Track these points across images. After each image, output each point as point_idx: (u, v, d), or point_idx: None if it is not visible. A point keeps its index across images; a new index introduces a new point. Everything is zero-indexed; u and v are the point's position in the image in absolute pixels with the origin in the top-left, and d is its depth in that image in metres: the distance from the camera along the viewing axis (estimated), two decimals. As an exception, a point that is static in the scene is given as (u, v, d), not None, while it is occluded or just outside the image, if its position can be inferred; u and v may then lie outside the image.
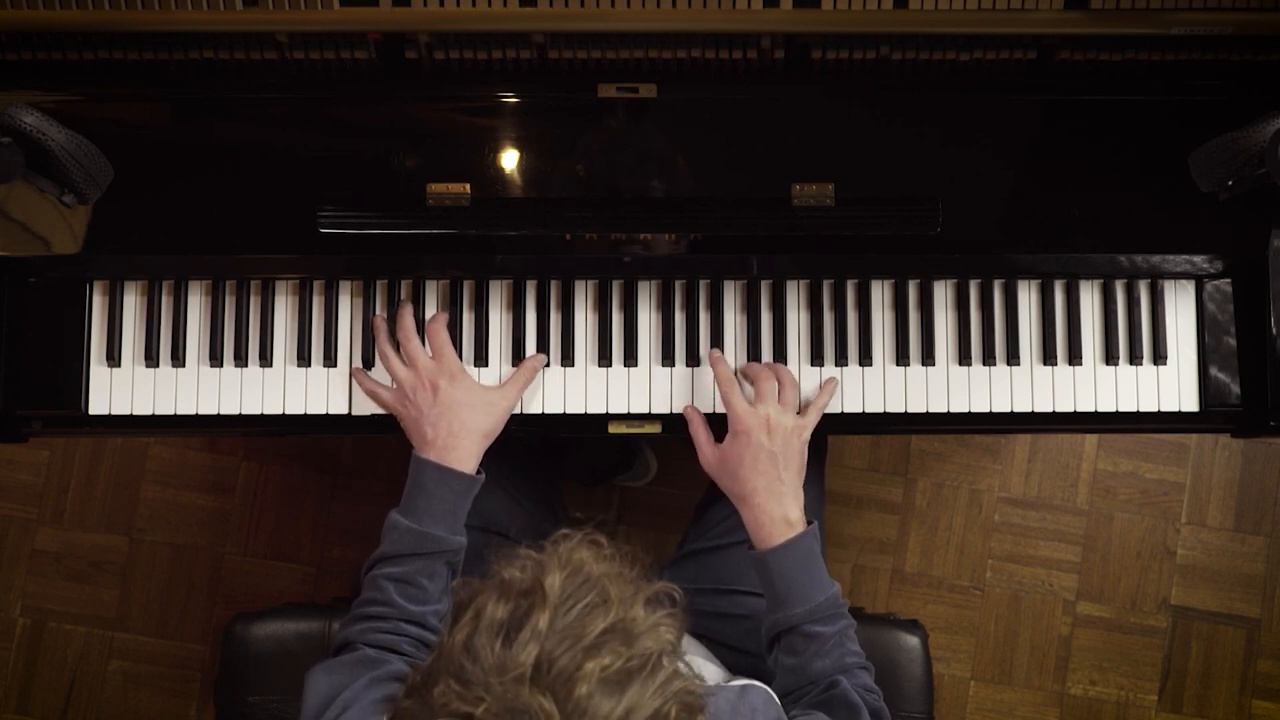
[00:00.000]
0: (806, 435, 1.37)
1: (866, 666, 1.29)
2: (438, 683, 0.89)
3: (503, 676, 0.87)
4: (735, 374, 1.41)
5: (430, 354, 1.39)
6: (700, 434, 1.39)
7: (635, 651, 0.90)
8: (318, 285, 1.44)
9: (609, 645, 0.89)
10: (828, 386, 1.42)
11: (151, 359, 1.42)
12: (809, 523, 1.32)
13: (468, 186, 1.38)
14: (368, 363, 1.43)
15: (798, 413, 1.38)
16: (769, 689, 1.19)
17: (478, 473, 1.34)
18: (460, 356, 1.42)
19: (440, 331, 1.39)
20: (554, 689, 0.86)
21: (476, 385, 1.38)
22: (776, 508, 1.31)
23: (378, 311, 1.43)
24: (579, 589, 0.93)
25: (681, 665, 0.95)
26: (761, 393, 1.37)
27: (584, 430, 1.44)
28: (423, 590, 1.26)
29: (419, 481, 1.31)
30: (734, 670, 1.41)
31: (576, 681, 0.86)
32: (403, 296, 1.43)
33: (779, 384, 1.38)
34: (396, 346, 1.40)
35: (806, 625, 1.27)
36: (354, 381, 1.42)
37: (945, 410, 1.44)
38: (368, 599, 1.27)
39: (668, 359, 1.44)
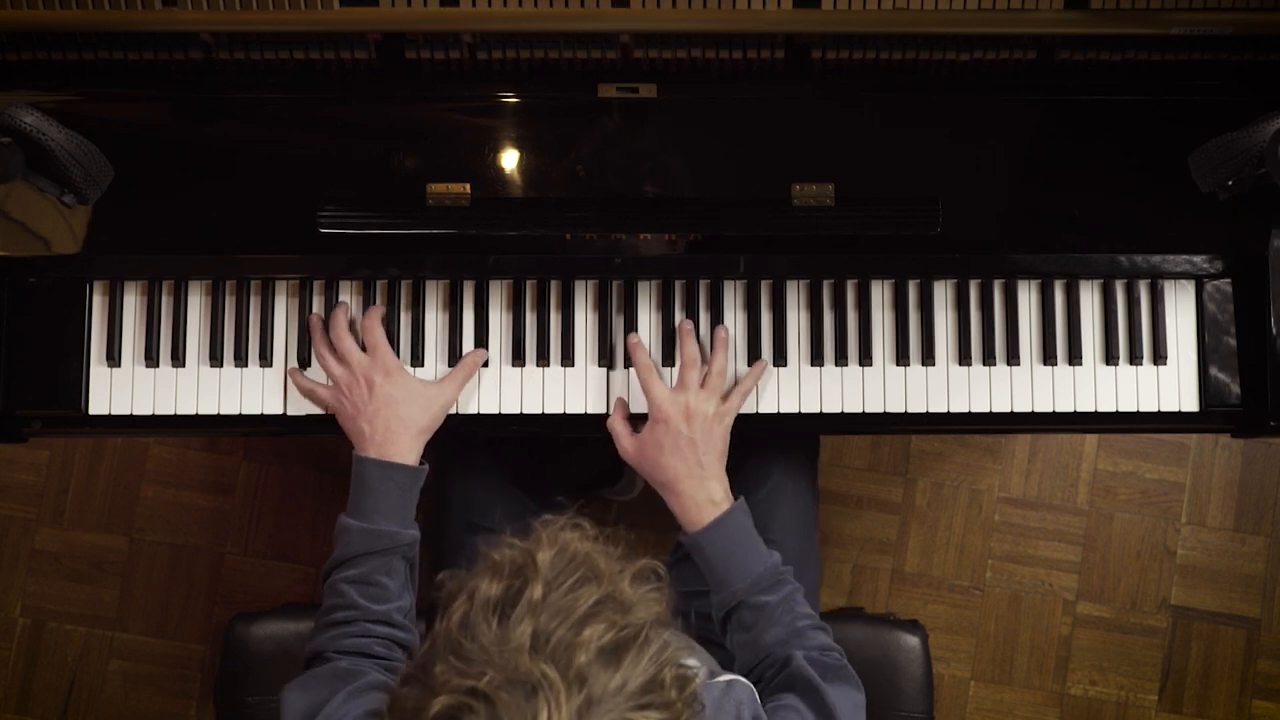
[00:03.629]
0: (728, 421, 1.37)
1: (821, 626, 1.30)
2: (436, 664, 0.90)
3: (503, 648, 0.88)
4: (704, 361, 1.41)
5: (367, 350, 1.38)
6: (617, 425, 1.39)
7: (629, 621, 0.92)
8: (318, 285, 1.44)
9: (603, 615, 0.91)
10: (754, 370, 1.41)
11: (151, 359, 1.42)
12: (734, 499, 1.33)
13: (468, 186, 1.38)
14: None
15: (722, 399, 1.38)
16: (751, 684, 1.19)
17: (421, 464, 1.34)
18: (460, 357, 1.42)
19: (375, 328, 1.39)
20: (554, 658, 0.87)
21: (414, 381, 1.37)
22: (700, 490, 1.33)
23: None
24: (568, 565, 0.94)
25: (670, 637, 0.96)
26: (684, 381, 1.37)
27: (584, 430, 1.44)
28: (383, 589, 1.26)
29: (362, 480, 1.31)
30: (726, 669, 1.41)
31: (576, 649, 0.88)
32: (402, 297, 1.43)
33: (708, 371, 1.38)
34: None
35: (751, 597, 1.28)
36: (289, 381, 1.42)
37: (945, 410, 1.44)
38: (330, 606, 1.27)
39: (668, 359, 1.44)
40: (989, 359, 1.45)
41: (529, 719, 0.84)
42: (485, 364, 1.43)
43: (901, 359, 1.45)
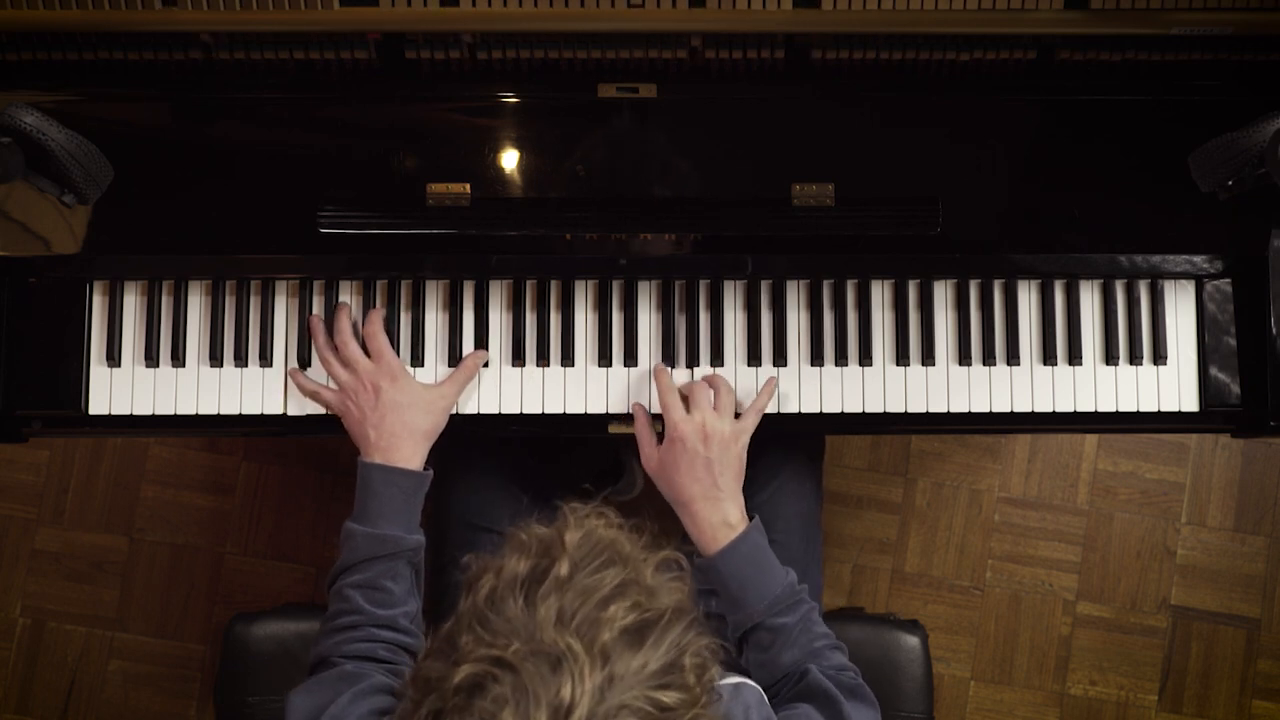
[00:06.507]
0: (745, 440, 1.37)
1: (838, 646, 1.29)
2: (461, 635, 0.91)
3: (529, 621, 0.89)
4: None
5: (370, 355, 1.38)
6: (644, 434, 1.39)
7: (652, 605, 0.93)
8: (318, 285, 1.44)
9: (627, 596, 0.92)
10: (766, 387, 1.42)
11: (151, 359, 1.42)
12: (750, 519, 1.33)
13: (468, 186, 1.38)
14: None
15: (736, 417, 1.38)
16: (760, 688, 1.19)
17: (425, 469, 1.34)
18: (460, 356, 1.42)
19: (379, 333, 1.39)
20: (580, 633, 0.88)
21: (417, 385, 1.38)
22: (715, 514, 1.32)
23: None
24: (594, 548, 0.96)
25: (689, 625, 0.97)
26: (695, 399, 1.36)
27: (584, 430, 1.44)
28: (388, 593, 1.27)
29: (367, 485, 1.32)
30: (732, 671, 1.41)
31: (600, 626, 0.89)
32: (402, 297, 1.43)
33: (714, 390, 1.38)
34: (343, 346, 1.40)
35: (769, 620, 1.28)
36: (290, 381, 1.42)
37: (945, 410, 1.44)
38: (336, 611, 1.27)
39: (668, 359, 1.44)
40: (989, 359, 1.45)
41: (553, 691, 0.85)
42: (485, 364, 1.43)
43: (901, 359, 1.45)
